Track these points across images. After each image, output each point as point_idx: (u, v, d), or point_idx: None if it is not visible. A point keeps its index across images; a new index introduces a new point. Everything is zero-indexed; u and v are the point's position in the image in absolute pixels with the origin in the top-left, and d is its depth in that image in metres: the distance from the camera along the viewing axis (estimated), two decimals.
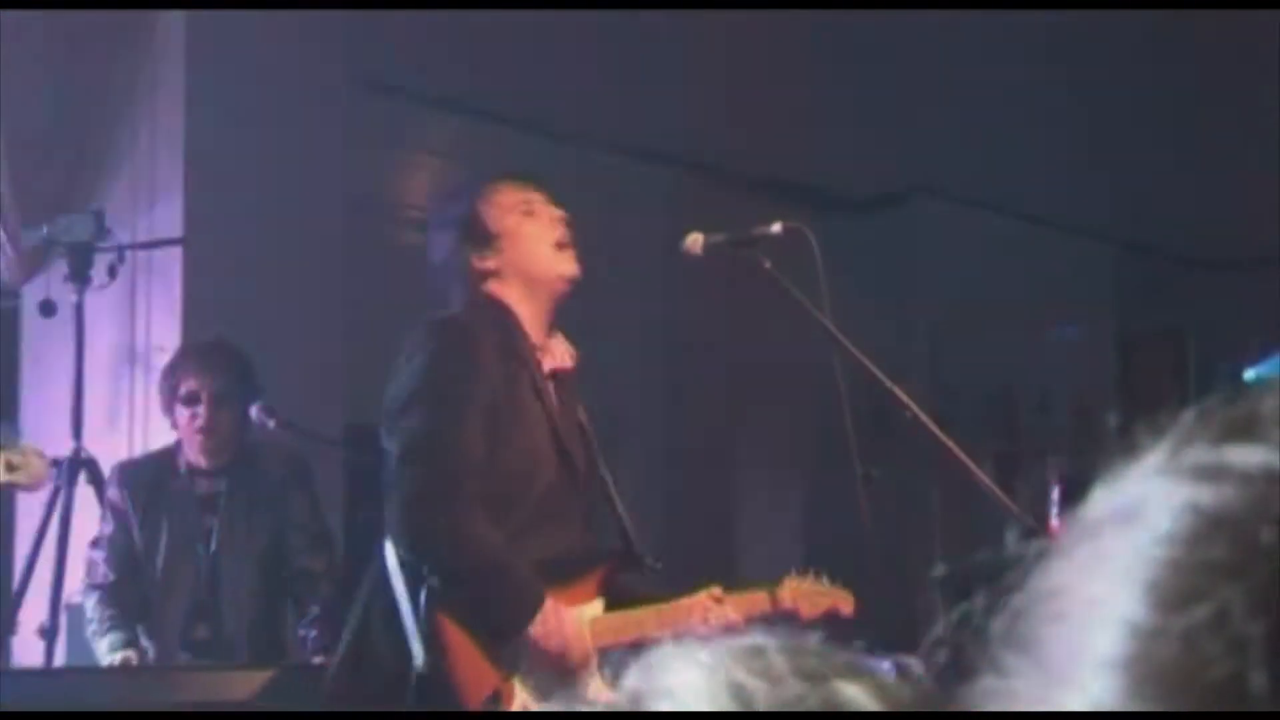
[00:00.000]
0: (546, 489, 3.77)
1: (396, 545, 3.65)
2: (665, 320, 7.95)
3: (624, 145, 8.09)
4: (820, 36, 7.48)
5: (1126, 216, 9.65)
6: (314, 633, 5.07)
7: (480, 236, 3.84)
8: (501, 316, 3.81)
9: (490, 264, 3.84)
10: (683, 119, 7.85)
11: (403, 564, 3.64)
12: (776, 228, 3.80)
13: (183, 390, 5.14)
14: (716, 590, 3.90)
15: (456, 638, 3.58)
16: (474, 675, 3.58)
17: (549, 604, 3.63)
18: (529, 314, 3.84)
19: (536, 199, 3.88)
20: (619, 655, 0.82)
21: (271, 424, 5.14)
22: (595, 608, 3.79)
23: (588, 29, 6.95)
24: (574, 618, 3.69)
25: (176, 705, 4.57)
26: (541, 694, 3.60)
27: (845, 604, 4.13)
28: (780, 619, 3.98)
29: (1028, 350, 9.79)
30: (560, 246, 3.84)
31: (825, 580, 4.11)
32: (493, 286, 3.85)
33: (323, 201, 6.57)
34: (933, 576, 3.92)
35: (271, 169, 6.38)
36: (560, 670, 3.63)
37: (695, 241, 3.83)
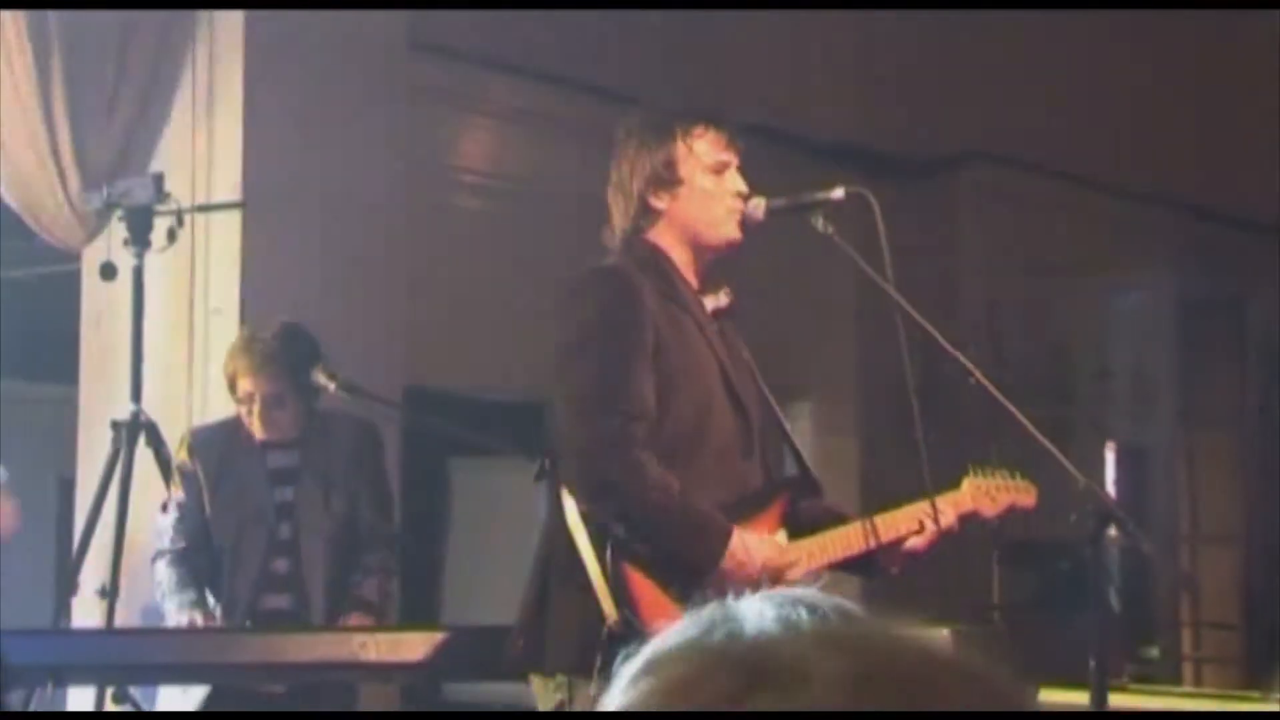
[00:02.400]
0: (721, 429, 3.73)
1: (577, 496, 3.60)
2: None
3: (681, 109, 8.05)
4: (873, 8, 7.45)
5: (1187, 181, 9.56)
6: (357, 589, 5.11)
7: (664, 177, 3.78)
8: (658, 262, 3.77)
9: (661, 204, 3.78)
10: (739, 82, 7.81)
11: (585, 518, 3.60)
12: (839, 192, 3.77)
13: (239, 389, 5.17)
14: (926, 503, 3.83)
15: (647, 590, 3.54)
16: (667, 625, 3.55)
17: (737, 534, 3.60)
18: (686, 262, 3.80)
19: (731, 163, 3.82)
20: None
21: (332, 387, 5.15)
22: (780, 538, 3.75)
23: None
24: (764, 539, 3.66)
25: (234, 667, 4.61)
26: None
27: (1026, 497, 4.06)
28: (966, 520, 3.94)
29: (1085, 317, 9.73)
30: (730, 213, 3.79)
31: (1004, 474, 4.03)
32: (657, 230, 3.79)
33: (381, 164, 6.57)
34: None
35: (330, 132, 6.39)
36: None
37: (757, 206, 3.80)
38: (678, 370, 3.69)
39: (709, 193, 3.78)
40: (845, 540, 3.79)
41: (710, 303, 3.84)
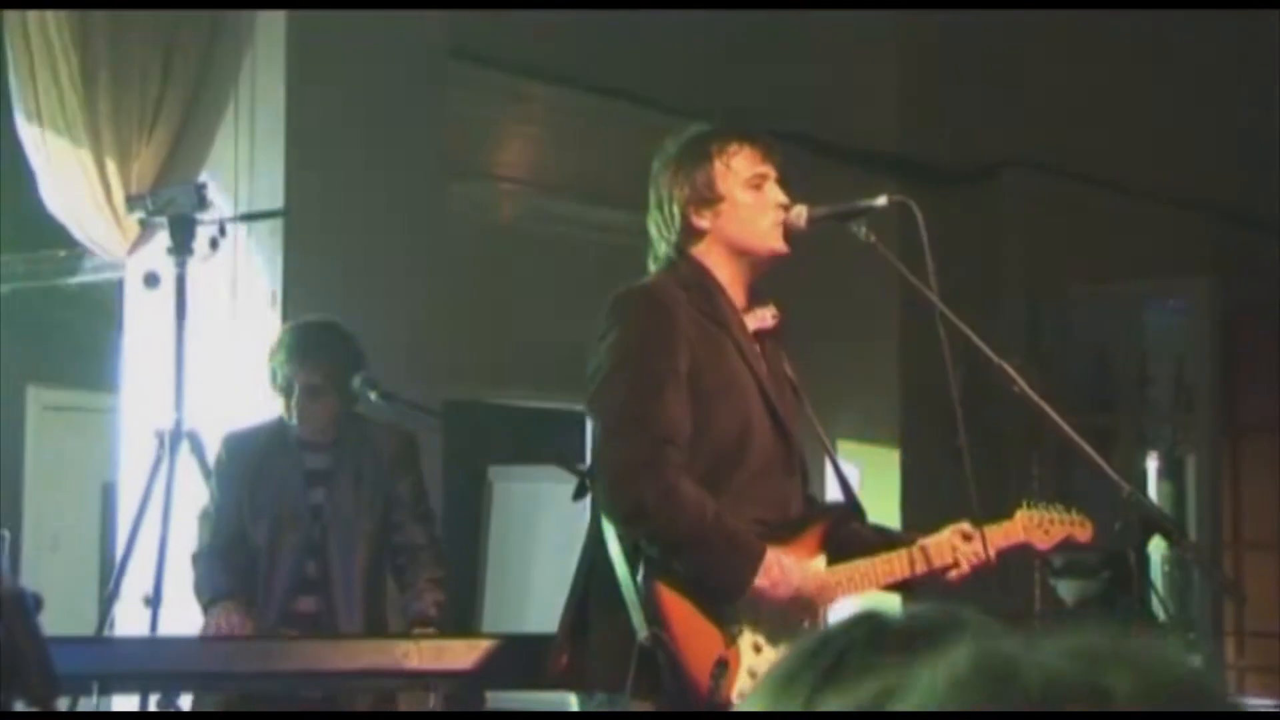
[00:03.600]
0: (761, 450, 3.73)
1: (610, 519, 3.61)
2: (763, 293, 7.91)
3: (716, 115, 8.06)
4: (912, 8, 7.43)
5: (1227, 188, 9.51)
6: (415, 605, 5.10)
7: (705, 196, 3.79)
8: (701, 280, 3.77)
9: (704, 223, 3.80)
10: (778, 90, 7.81)
11: (620, 536, 3.61)
12: (881, 200, 3.77)
13: (279, 379, 5.18)
14: (964, 526, 3.83)
15: (678, 607, 3.55)
16: (698, 643, 3.55)
17: (770, 555, 3.60)
18: (731, 279, 3.80)
19: (771, 173, 3.83)
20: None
21: (373, 395, 5.16)
22: (818, 564, 3.75)
23: None
24: (799, 564, 3.65)
25: (279, 675, 4.62)
26: (775, 651, 3.58)
27: (1083, 532, 4.04)
28: (1014, 552, 3.93)
29: (1126, 324, 9.69)
30: (774, 225, 3.80)
31: (1059, 509, 4.02)
32: (701, 249, 3.81)
33: (422, 173, 6.59)
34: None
35: (372, 140, 6.41)
36: (789, 624, 3.61)
37: (799, 214, 3.80)
38: (715, 390, 3.69)
39: (750, 206, 3.79)
40: (887, 568, 3.78)
41: (753, 322, 3.84)
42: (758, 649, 3.61)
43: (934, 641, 0.78)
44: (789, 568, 3.62)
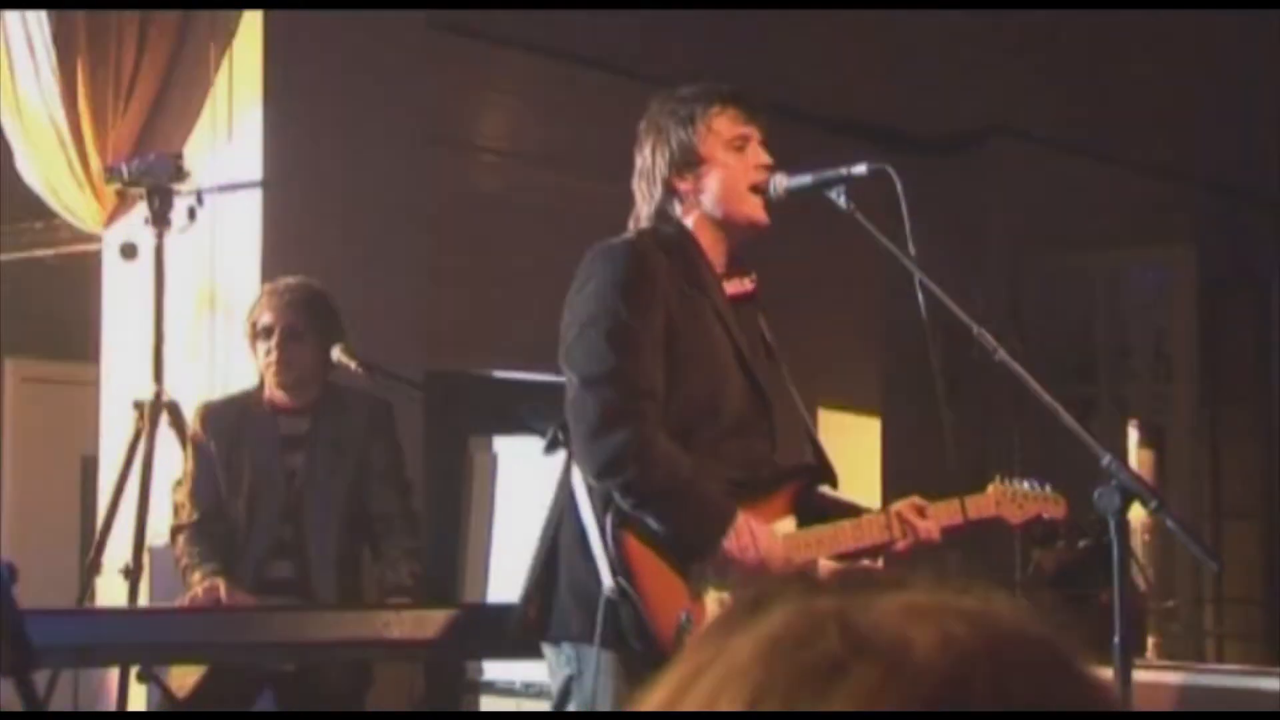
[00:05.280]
0: (734, 411, 3.74)
1: (583, 471, 3.62)
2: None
3: (698, 90, 8.03)
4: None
5: (1210, 157, 9.51)
6: (390, 574, 5.09)
7: (685, 158, 3.79)
8: (683, 242, 3.78)
9: (686, 186, 3.80)
10: (759, 59, 7.78)
11: (590, 490, 3.61)
12: (861, 168, 3.76)
13: (259, 324, 5.16)
14: (918, 499, 3.85)
15: (644, 559, 3.57)
16: (664, 597, 3.56)
17: (741, 518, 3.61)
18: (712, 243, 3.81)
19: (754, 135, 3.82)
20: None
21: (353, 366, 5.15)
22: (788, 524, 3.76)
23: None
24: (767, 532, 3.66)
25: (259, 645, 4.61)
26: None
27: (1056, 508, 4.06)
28: (985, 526, 3.93)
29: (1107, 293, 9.70)
30: (756, 190, 3.79)
31: (1033, 484, 4.03)
32: (683, 211, 3.81)
33: (401, 143, 6.57)
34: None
35: (350, 111, 6.38)
36: (754, 583, 3.60)
37: (779, 182, 3.79)
38: (690, 353, 3.70)
39: (731, 168, 3.79)
40: (856, 534, 3.79)
41: (732, 288, 3.84)
42: (722, 604, 3.60)
43: (762, 606, 0.79)
44: (758, 534, 3.63)
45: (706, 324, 3.75)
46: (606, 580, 3.53)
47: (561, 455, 3.73)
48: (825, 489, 3.90)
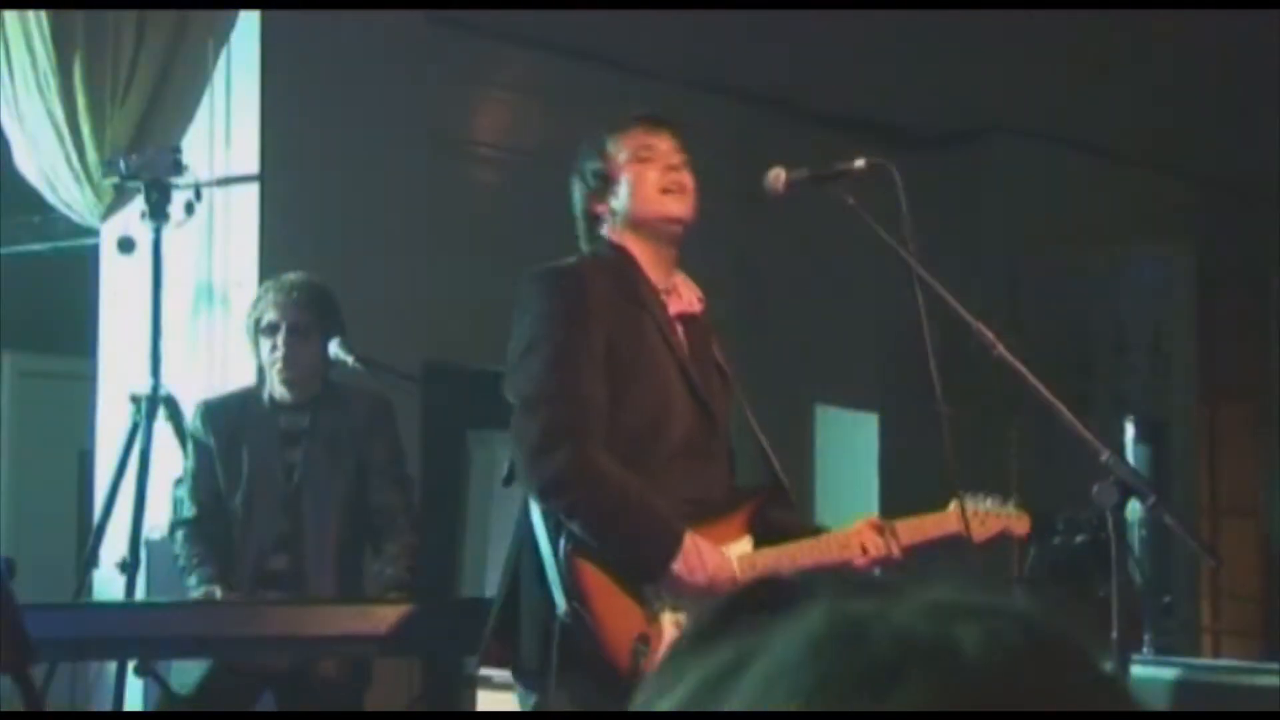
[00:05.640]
0: (682, 430, 3.73)
1: (529, 492, 3.62)
2: (740, 257, 7.91)
3: (698, 81, 8.04)
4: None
5: (1208, 153, 9.51)
6: (388, 570, 5.09)
7: (600, 182, 3.85)
8: (620, 262, 3.79)
9: (603, 208, 3.84)
10: (756, 55, 7.79)
11: (544, 513, 3.61)
12: (860, 162, 3.76)
13: (264, 321, 5.15)
14: (875, 518, 3.86)
15: (597, 582, 3.55)
16: (618, 619, 3.55)
17: (689, 540, 3.59)
18: (648, 258, 3.81)
19: (660, 143, 3.84)
20: None
21: (350, 360, 5.14)
22: (744, 545, 3.74)
23: None
24: (716, 552, 3.64)
25: (256, 639, 4.61)
26: None
27: (1019, 525, 4.06)
28: (947, 544, 3.93)
29: (1104, 290, 9.69)
30: (666, 190, 3.80)
31: (996, 501, 4.03)
32: (611, 232, 3.83)
33: (398, 138, 6.56)
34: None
35: (348, 105, 6.38)
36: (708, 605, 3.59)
37: (777, 177, 3.79)
38: (631, 369, 3.70)
39: (637, 175, 3.82)
40: (813, 552, 3.78)
41: (676, 305, 3.85)
42: (679, 626, 3.59)
43: (791, 604, 0.79)
44: (707, 555, 3.61)
45: (648, 341, 3.75)
46: (560, 604, 3.52)
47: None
48: (780, 509, 3.89)
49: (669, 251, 3.86)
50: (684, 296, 3.88)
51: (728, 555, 3.68)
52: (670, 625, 3.59)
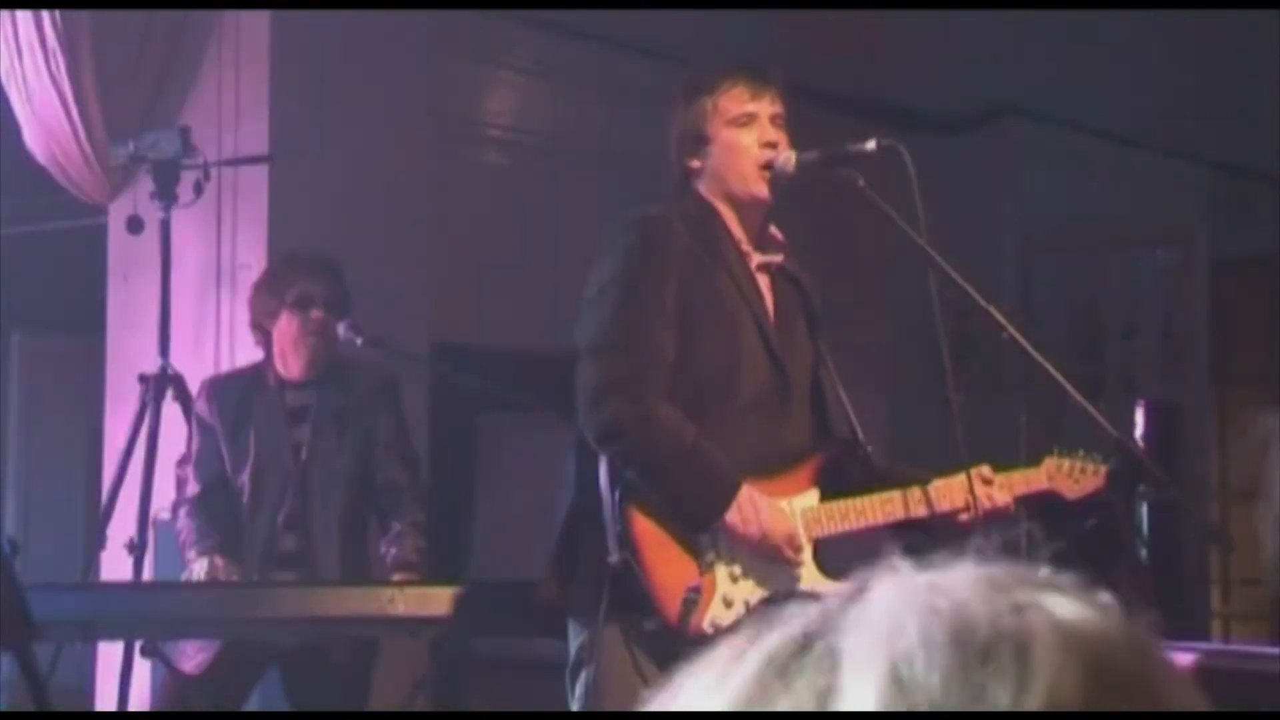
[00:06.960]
0: (753, 386, 3.72)
1: (587, 436, 3.62)
2: None
3: (706, 63, 8.00)
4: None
5: (1220, 138, 9.48)
6: (394, 549, 5.08)
7: (693, 137, 3.81)
8: (705, 215, 3.78)
9: (697, 165, 3.81)
10: (768, 36, 7.75)
11: (604, 461, 3.61)
12: (871, 144, 3.74)
13: (292, 295, 5.12)
14: (986, 469, 3.80)
15: (649, 532, 3.55)
16: (670, 570, 3.55)
17: (744, 491, 3.58)
18: (733, 218, 3.81)
19: (761, 108, 3.80)
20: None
21: (359, 341, 5.13)
22: (809, 498, 3.72)
23: None
24: (772, 505, 3.63)
25: (264, 621, 4.61)
26: (751, 582, 3.59)
27: (1102, 480, 3.99)
28: (1041, 500, 3.89)
29: (1116, 274, 9.66)
30: (763, 168, 3.78)
31: (1092, 457, 3.96)
32: (701, 186, 3.82)
33: (407, 118, 6.54)
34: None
35: (357, 86, 6.36)
36: (764, 558, 3.60)
37: (788, 159, 3.77)
38: (703, 322, 3.69)
39: (733, 147, 3.78)
40: (884, 507, 3.75)
41: (760, 258, 3.83)
42: (734, 578, 3.61)
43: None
44: (762, 508, 3.60)
45: (723, 295, 3.73)
46: (613, 553, 3.52)
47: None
48: (863, 461, 3.84)
49: (750, 219, 3.84)
50: (769, 253, 3.85)
51: (786, 509, 3.67)
52: (725, 577, 3.59)
